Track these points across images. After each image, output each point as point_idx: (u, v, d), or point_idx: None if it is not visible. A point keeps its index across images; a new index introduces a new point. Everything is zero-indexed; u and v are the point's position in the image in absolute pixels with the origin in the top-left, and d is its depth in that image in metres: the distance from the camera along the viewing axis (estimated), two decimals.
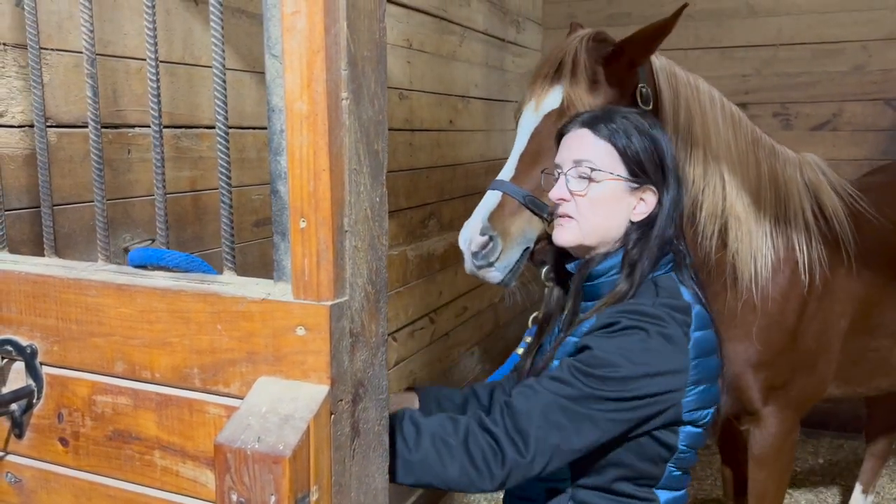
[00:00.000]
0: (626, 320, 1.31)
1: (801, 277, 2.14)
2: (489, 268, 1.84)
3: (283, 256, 0.95)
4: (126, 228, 1.74)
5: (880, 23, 3.78)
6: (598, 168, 1.44)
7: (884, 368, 2.45)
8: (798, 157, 2.30)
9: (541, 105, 1.92)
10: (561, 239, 1.48)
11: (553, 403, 1.25)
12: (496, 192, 1.88)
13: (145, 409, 1.05)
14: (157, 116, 1.08)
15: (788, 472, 2.37)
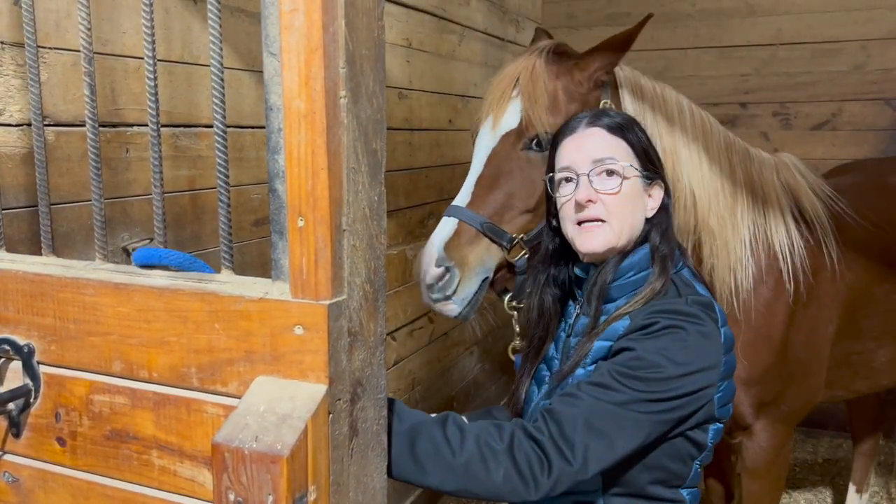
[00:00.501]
0: (665, 320, 1.30)
1: (785, 286, 2.07)
2: (446, 301, 1.74)
3: (281, 255, 0.95)
4: (124, 227, 1.74)
5: (879, 22, 3.78)
6: (623, 164, 1.40)
7: (865, 371, 2.41)
8: (774, 158, 2.22)
9: (498, 124, 1.81)
10: (592, 246, 1.40)
11: (598, 410, 1.23)
12: (452, 220, 1.77)
13: (143, 408, 1.05)
14: (154, 115, 1.07)
15: (782, 482, 2.33)
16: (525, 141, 1.80)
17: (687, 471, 1.40)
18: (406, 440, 1.17)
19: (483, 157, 1.82)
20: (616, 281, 1.41)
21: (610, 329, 1.36)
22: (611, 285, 1.42)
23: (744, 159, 2.08)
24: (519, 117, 1.80)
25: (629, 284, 1.41)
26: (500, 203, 1.78)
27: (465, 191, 1.82)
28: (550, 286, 1.57)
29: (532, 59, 1.83)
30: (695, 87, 4.14)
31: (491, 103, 1.84)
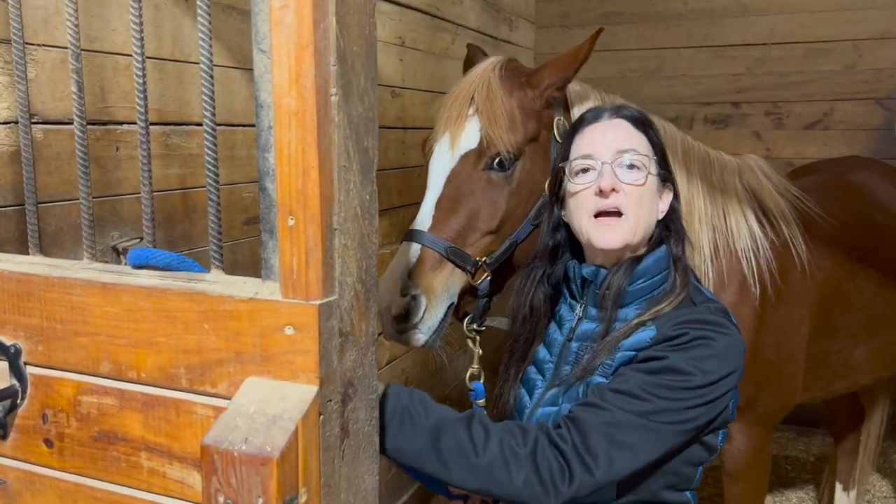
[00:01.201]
0: (694, 331, 1.28)
1: (751, 290, 2.05)
2: (413, 330, 1.68)
3: (272, 255, 0.94)
4: (114, 226, 1.72)
5: (871, 22, 3.79)
6: (646, 155, 1.38)
7: (843, 370, 2.41)
8: (737, 161, 2.19)
9: (457, 144, 1.75)
10: (609, 241, 1.37)
11: (623, 421, 1.22)
12: (414, 245, 1.71)
13: (131, 409, 1.03)
14: (143, 113, 1.06)
15: (764, 484, 2.32)
16: (486, 161, 1.75)
17: (695, 473, 1.40)
18: (431, 435, 1.18)
19: (442, 177, 1.76)
20: (629, 285, 1.39)
21: (634, 339, 1.32)
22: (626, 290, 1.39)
23: (703, 165, 2.05)
24: (478, 136, 1.74)
25: (640, 290, 1.39)
26: (463, 226, 1.73)
27: (425, 213, 1.76)
28: (544, 284, 1.54)
29: (485, 77, 1.77)
30: (688, 86, 4.15)
31: (447, 122, 1.78)
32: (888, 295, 2.41)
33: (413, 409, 1.20)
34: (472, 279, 1.73)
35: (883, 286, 2.39)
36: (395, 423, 1.19)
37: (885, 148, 3.82)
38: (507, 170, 1.75)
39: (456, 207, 1.73)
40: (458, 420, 1.21)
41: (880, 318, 2.40)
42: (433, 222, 1.73)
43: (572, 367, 1.42)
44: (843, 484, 3.35)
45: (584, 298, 1.47)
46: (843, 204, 2.49)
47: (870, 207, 2.59)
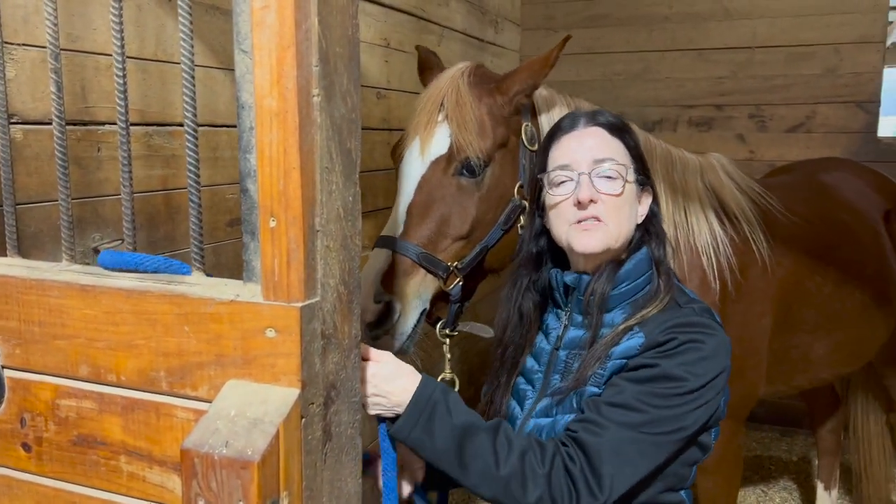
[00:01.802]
0: (682, 335, 1.29)
1: (711, 285, 2.09)
2: (387, 336, 1.68)
3: (253, 256, 0.93)
4: (96, 228, 1.70)
5: (852, 26, 3.83)
6: (623, 164, 1.38)
7: (803, 365, 2.46)
8: (700, 160, 2.23)
9: (427, 150, 1.75)
10: (589, 245, 1.37)
11: (623, 438, 1.24)
12: (384, 251, 1.71)
13: (111, 413, 1.02)
14: (123, 114, 1.05)
15: (736, 477, 2.35)
16: (456, 166, 1.75)
17: (690, 472, 1.40)
18: (457, 437, 1.21)
19: (413, 183, 1.76)
20: (612, 290, 1.39)
21: (623, 346, 1.32)
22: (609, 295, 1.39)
23: (665, 164, 2.08)
24: (448, 142, 1.75)
25: (623, 294, 1.39)
26: (434, 231, 1.74)
27: (396, 219, 1.76)
28: (531, 291, 1.54)
29: (455, 83, 1.78)
30: (672, 88, 4.18)
31: (416, 128, 1.78)
32: (847, 292, 2.47)
33: (444, 406, 1.22)
34: (444, 285, 1.74)
35: (842, 283, 2.45)
36: (424, 416, 1.21)
37: (866, 150, 3.86)
38: (476, 175, 1.76)
39: (427, 213, 1.73)
40: (485, 428, 1.24)
41: (839, 314, 2.46)
42: (405, 228, 1.73)
43: (561, 376, 1.42)
44: (824, 483, 3.39)
45: (569, 306, 1.47)
46: (808, 202, 2.54)
47: (836, 207, 2.64)
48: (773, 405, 4.32)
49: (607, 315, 1.40)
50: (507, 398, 1.53)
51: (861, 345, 2.61)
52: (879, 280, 2.60)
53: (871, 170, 3.00)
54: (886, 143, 3.91)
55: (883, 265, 2.63)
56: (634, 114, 4.20)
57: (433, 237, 1.73)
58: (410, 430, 1.22)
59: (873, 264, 2.59)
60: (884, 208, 2.77)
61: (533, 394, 1.47)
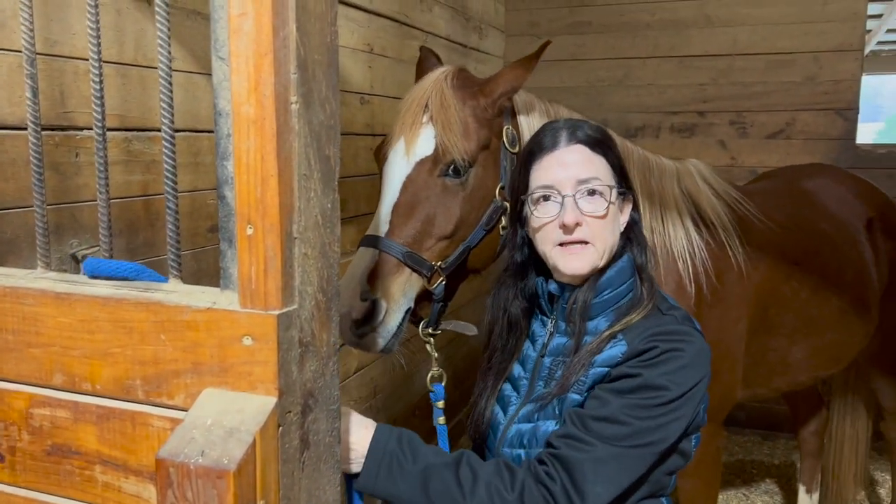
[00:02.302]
0: (664, 344, 1.29)
1: (686, 289, 2.11)
2: (373, 334, 1.68)
3: (230, 264, 0.92)
4: (73, 234, 1.69)
5: (830, 35, 3.89)
6: (606, 184, 1.38)
7: (781, 368, 2.49)
8: (677, 165, 2.25)
9: (412, 150, 1.77)
10: (576, 268, 1.37)
11: (606, 454, 1.24)
12: (370, 250, 1.72)
13: (85, 422, 1.01)
14: (100, 119, 1.04)
15: (716, 479, 2.37)
16: (442, 167, 1.77)
17: (670, 480, 1.41)
18: (419, 481, 1.22)
19: (398, 183, 1.78)
20: (595, 298, 1.39)
21: (606, 355, 1.33)
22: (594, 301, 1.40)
23: (642, 170, 2.11)
24: (433, 144, 1.77)
25: (606, 302, 1.40)
26: (419, 231, 1.75)
27: (382, 219, 1.77)
28: (519, 298, 1.54)
29: (439, 85, 1.80)
30: (654, 95, 4.21)
31: (402, 129, 1.80)
32: (824, 297, 2.50)
33: (401, 454, 1.24)
34: (428, 284, 1.75)
35: (819, 289, 2.48)
36: (383, 468, 1.23)
37: (845, 157, 3.91)
38: (461, 176, 1.78)
39: (412, 213, 1.75)
40: (445, 464, 1.24)
41: (815, 318, 2.49)
42: (390, 227, 1.74)
43: (545, 383, 1.42)
44: (806, 486, 3.41)
45: (554, 314, 1.48)
46: (786, 209, 2.58)
47: (815, 214, 2.67)
48: (755, 409, 4.35)
49: (591, 322, 1.41)
50: (492, 402, 1.53)
51: (839, 349, 2.64)
52: (857, 286, 2.63)
53: (855, 177, 3.03)
54: (865, 150, 3.97)
55: (861, 272, 2.67)
56: (617, 120, 4.24)
57: (418, 237, 1.75)
58: (374, 483, 1.23)
59: (851, 271, 2.62)
60: (866, 216, 2.80)
61: (517, 400, 1.47)
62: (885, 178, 3.88)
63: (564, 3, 4.30)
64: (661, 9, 4.13)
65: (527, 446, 1.38)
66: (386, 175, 1.82)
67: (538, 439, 1.36)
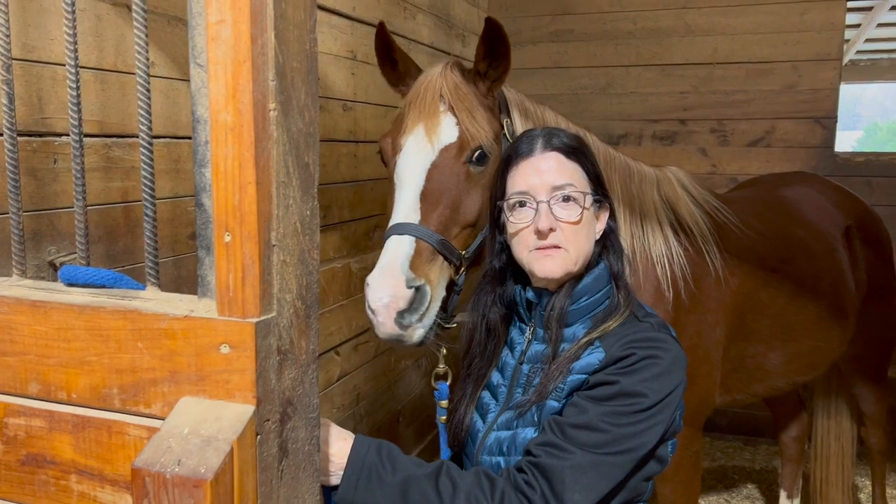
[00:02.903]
0: (640, 351, 1.30)
1: (665, 294, 2.13)
2: (416, 326, 1.65)
3: (208, 272, 0.92)
4: (51, 241, 1.67)
5: (808, 44, 3.94)
6: (581, 191, 1.40)
7: (759, 374, 2.53)
8: (656, 172, 2.29)
9: (435, 138, 1.77)
10: (550, 271, 1.38)
11: (585, 462, 1.24)
12: (406, 238, 1.69)
13: (61, 431, 1.00)
14: (77, 126, 1.03)
15: (695, 484, 2.38)
16: (468, 154, 1.80)
17: (647, 486, 1.42)
18: (399, 492, 1.22)
19: (422, 171, 1.77)
20: (571, 305, 1.41)
21: (584, 362, 1.34)
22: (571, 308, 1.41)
23: (623, 175, 2.13)
24: (457, 131, 1.79)
25: (583, 309, 1.41)
26: (448, 219, 1.75)
27: (409, 206, 1.75)
28: (497, 304, 1.54)
29: (448, 77, 1.83)
30: (636, 103, 4.25)
31: (419, 118, 1.80)
32: (801, 304, 2.54)
33: (380, 466, 1.23)
34: (455, 273, 1.75)
35: (795, 296, 2.52)
36: (362, 479, 1.22)
37: (823, 165, 3.97)
38: (484, 164, 1.81)
39: (440, 200, 1.75)
40: (425, 476, 1.24)
41: (792, 325, 2.52)
42: (421, 215, 1.73)
43: (524, 389, 1.43)
44: (787, 491, 3.44)
45: (532, 321, 1.49)
46: (764, 216, 2.62)
47: (792, 222, 2.71)
48: (737, 415, 4.38)
49: (568, 329, 1.41)
50: (471, 409, 1.53)
51: (816, 355, 2.68)
52: (834, 294, 2.67)
53: (835, 186, 3.07)
54: (843, 159, 4.02)
55: (838, 279, 2.70)
56: (600, 127, 4.26)
57: (448, 224, 1.75)
58: (353, 495, 1.23)
59: (828, 278, 2.66)
60: (844, 224, 2.84)
61: (496, 407, 1.48)
62: (863, 185, 3.94)
63: (547, 11, 4.34)
64: (643, 17, 4.17)
65: (506, 454, 1.39)
66: (405, 162, 1.81)
67: (517, 447, 1.37)
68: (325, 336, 2.79)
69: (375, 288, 1.63)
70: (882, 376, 3.13)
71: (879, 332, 3.00)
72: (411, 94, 1.88)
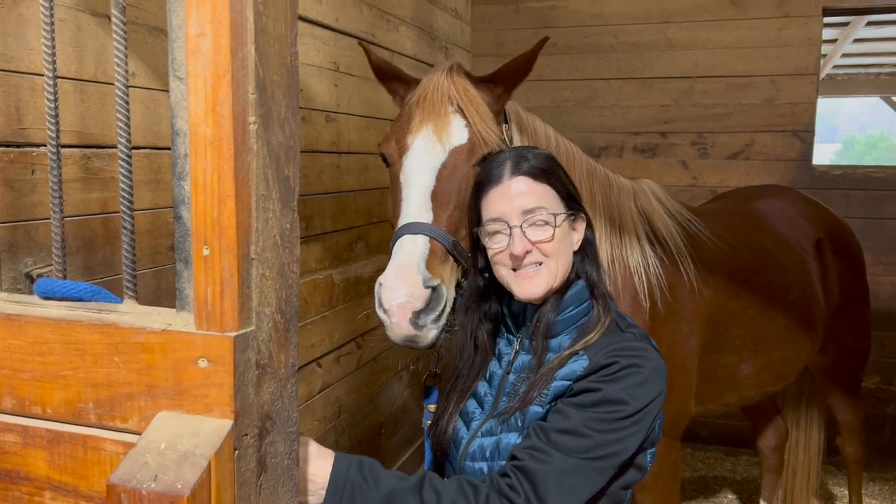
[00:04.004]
0: (623, 359, 1.32)
1: (642, 303, 2.16)
2: (432, 327, 1.62)
3: (186, 285, 0.91)
4: (28, 252, 1.65)
5: (787, 59, 4.00)
6: (552, 212, 1.42)
7: (731, 384, 2.56)
8: (632, 184, 2.32)
9: (445, 139, 1.76)
10: (531, 293, 1.41)
11: (568, 466, 1.25)
12: (419, 237, 1.67)
13: (35, 446, 0.98)
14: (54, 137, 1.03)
15: (674, 493, 2.40)
16: (478, 157, 1.75)
17: (626, 495, 1.43)
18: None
19: (431, 171, 1.76)
20: (558, 316, 1.43)
21: (568, 369, 1.36)
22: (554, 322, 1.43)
23: (604, 186, 2.16)
24: (467, 133, 1.78)
25: (569, 319, 1.43)
26: (458, 220, 1.75)
27: (421, 205, 1.73)
28: (484, 322, 1.56)
29: (455, 79, 1.82)
30: (618, 116, 4.29)
31: (426, 118, 1.79)
32: (771, 315, 2.57)
33: (362, 482, 1.22)
34: (463, 276, 1.73)
35: (766, 307, 2.55)
36: (345, 497, 1.21)
37: (802, 178, 4.02)
38: None
39: (450, 201, 1.73)
40: (408, 489, 1.24)
41: (763, 335, 2.56)
42: (434, 215, 1.71)
43: (509, 398, 1.44)
44: (766, 501, 3.47)
45: (520, 332, 1.51)
46: (735, 229, 2.66)
47: (763, 234, 2.75)
48: (718, 426, 4.41)
49: (554, 340, 1.43)
50: (454, 420, 1.53)
51: (786, 365, 2.72)
52: (803, 305, 2.71)
53: (807, 199, 3.12)
54: (821, 171, 4.08)
55: (808, 291, 2.74)
56: (582, 140, 4.29)
57: (458, 226, 1.73)
58: None
59: (798, 290, 2.70)
60: (815, 237, 2.88)
61: (481, 415, 1.49)
62: (840, 198, 4.00)
63: (529, 24, 4.37)
64: (624, 31, 4.21)
65: (489, 459, 1.40)
66: (414, 162, 1.79)
67: (500, 452, 1.38)
68: (306, 348, 2.77)
69: (391, 287, 1.61)
70: (856, 386, 3.17)
71: (853, 342, 3.05)
72: (416, 95, 1.86)
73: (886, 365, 4.14)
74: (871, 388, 4.12)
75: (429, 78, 1.89)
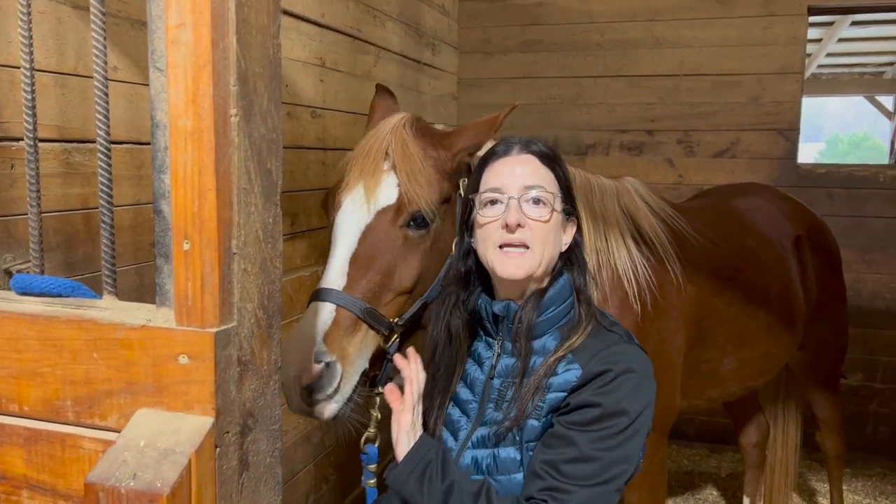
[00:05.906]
0: (616, 367, 1.31)
1: (632, 306, 2.15)
2: (327, 401, 1.56)
3: (166, 280, 0.90)
4: (7, 248, 1.62)
5: (772, 58, 4.02)
6: (551, 192, 1.41)
7: (714, 379, 2.57)
8: (615, 184, 2.30)
9: (373, 199, 1.68)
10: (512, 272, 1.38)
11: (587, 497, 1.27)
12: (326, 305, 1.59)
13: (12, 444, 0.96)
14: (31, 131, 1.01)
15: (661, 490, 2.41)
16: (405, 218, 1.70)
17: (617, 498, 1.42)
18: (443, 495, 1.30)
19: (355, 233, 1.68)
20: (539, 316, 1.41)
21: (561, 379, 1.33)
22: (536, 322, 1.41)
23: (585, 192, 2.13)
24: (396, 193, 1.69)
25: (551, 319, 1.41)
26: (378, 285, 1.66)
27: (338, 270, 1.65)
28: (460, 309, 1.52)
29: (399, 133, 1.73)
30: (605, 113, 4.29)
31: (360, 175, 1.70)
32: (752, 311, 2.59)
33: (435, 466, 1.32)
34: (384, 342, 1.67)
35: (747, 303, 2.57)
36: (415, 473, 1.32)
37: (786, 176, 4.05)
38: (424, 228, 1.71)
39: (371, 265, 1.65)
40: (469, 493, 1.29)
41: (745, 331, 2.58)
42: (348, 280, 1.64)
43: (496, 405, 1.42)
44: (750, 498, 3.48)
45: (500, 335, 1.47)
46: (716, 226, 2.68)
47: (743, 232, 2.77)
48: (703, 423, 4.43)
49: (538, 342, 1.41)
50: (441, 423, 1.50)
51: (767, 361, 2.74)
52: (784, 302, 2.73)
53: (786, 196, 3.14)
54: (806, 170, 4.11)
55: (788, 288, 2.76)
56: (569, 137, 4.30)
57: (377, 291, 1.65)
58: (404, 482, 1.33)
59: (778, 287, 2.72)
60: (794, 234, 2.90)
61: (467, 424, 1.46)
62: (824, 196, 4.03)
63: (517, 21, 4.36)
64: (611, 29, 4.22)
65: (487, 473, 1.38)
66: (341, 223, 1.71)
67: (498, 466, 1.37)
68: None
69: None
70: (835, 382, 3.20)
71: (831, 338, 3.08)
72: (358, 148, 1.78)
73: (869, 362, 4.17)
74: (853, 386, 4.15)
75: (375, 129, 1.80)
